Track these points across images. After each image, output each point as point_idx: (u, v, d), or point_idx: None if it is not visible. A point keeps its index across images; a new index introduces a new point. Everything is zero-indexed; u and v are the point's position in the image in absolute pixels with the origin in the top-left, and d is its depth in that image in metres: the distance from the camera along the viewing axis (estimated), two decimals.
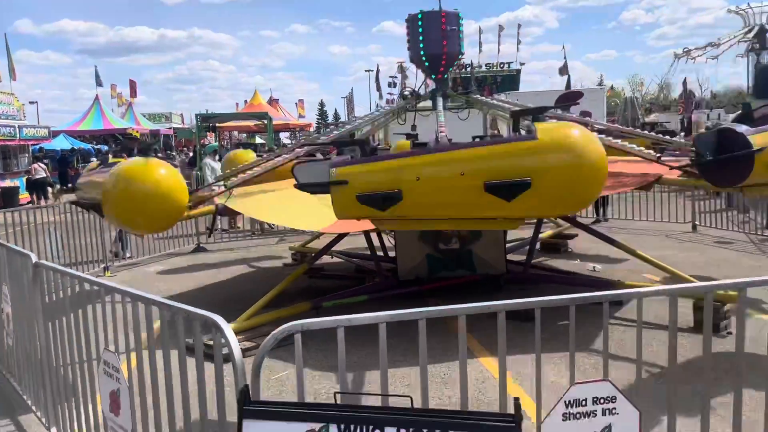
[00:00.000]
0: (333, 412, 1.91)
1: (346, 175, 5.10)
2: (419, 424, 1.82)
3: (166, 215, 6.46)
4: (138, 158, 6.58)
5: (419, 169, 4.98)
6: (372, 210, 5.07)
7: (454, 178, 4.88)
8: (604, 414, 2.68)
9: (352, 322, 2.49)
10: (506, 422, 1.78)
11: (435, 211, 5.25)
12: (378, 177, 5.05)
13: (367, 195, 5.01)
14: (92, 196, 6.98)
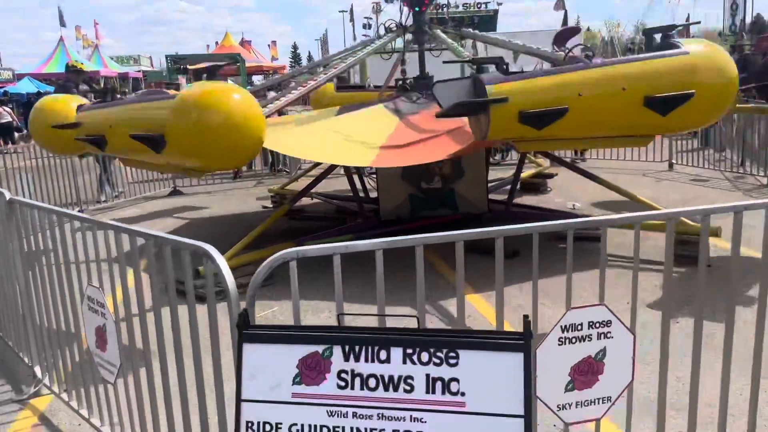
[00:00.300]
0: (336, 333, 1.86)
1: (506, 92, 4.92)
2: (427, 343, 1.78)
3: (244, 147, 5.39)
4: None
5: (581, 86, 5.04)
6: (529, 129, 5.04)
7: (616, 94, 5.03)
8: (599, 338, 2.69)
9: (349, 249, 2.42)
10: (516, 339, 1.75)
11: (591, 129, 5.34)
12: (544, 94, 5.01)
13: (530, 113, 4.89)
14: (98, 132, 6.60)
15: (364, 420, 1.81)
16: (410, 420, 1.78)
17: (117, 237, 3.07)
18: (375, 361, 1.82)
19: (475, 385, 1.75)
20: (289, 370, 1.86)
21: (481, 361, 1.75)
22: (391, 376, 1.81)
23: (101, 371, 3.32)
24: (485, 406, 1.74)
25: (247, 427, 1.88)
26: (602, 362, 2.70)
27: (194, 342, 2.67)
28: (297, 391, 1.86)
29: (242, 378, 1.89)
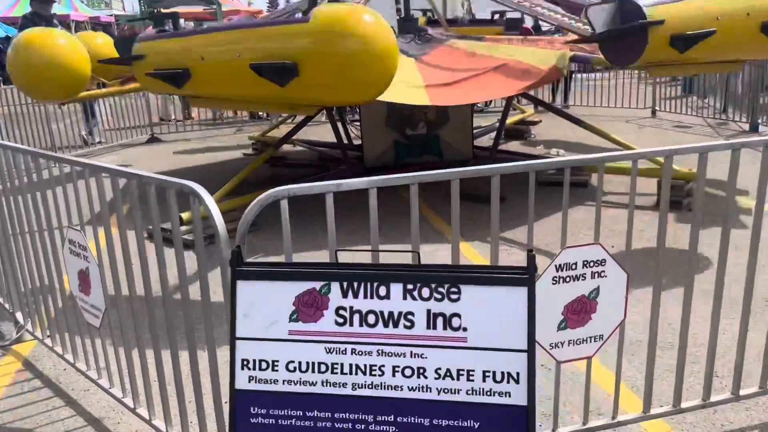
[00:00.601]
0: (334, 270, 1.80)
1: (663, 14, 5.05)
2: (428, 278, 1.74)
3: None
4: None
5: None
6: (674, 51, 5.09)
7: None
8: (593, 277, 2.67)
9: (341, 187, 2.35)
10: (520, 274, 1.71)
11: (726, 51, 5.49)
12: (695, 16, 5.16)
13: (680, 35, 5.01)
14: (180, 65, 5.52)
15: (363, 356, 1.77)
16: (410, 356, 1.75)
17: (97, 178, 2.95)
18: (374, 297, 1.77)
19: (477, 320, 1.72)
20: (286, 308, 1.81)
21: (483, 296, 1.71)
22: (390, 313, 1.76)
23: (86, 316, 3.26)
24: (487, 341, 1.71)
25: (243, 365, 1.83)
26: (595, 301, 2.69)
27: (182, 284, 2.60)
28: (294, 328, 1.81)
29: (236, 316, 1.83)
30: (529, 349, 1.68)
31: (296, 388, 1.80)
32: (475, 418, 1.71)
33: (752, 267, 2.91)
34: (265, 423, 1.80)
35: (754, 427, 3.03)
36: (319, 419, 1.78)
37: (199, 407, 2.72)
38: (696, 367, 3.56)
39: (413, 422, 1.74)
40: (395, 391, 1.75)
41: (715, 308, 2.90)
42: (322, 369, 1.79)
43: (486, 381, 1.71)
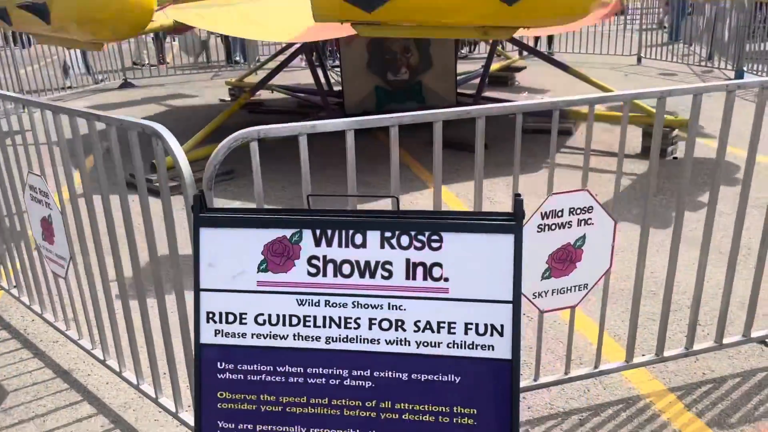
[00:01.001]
0: (306, 216, 1.66)
1: None
2: (407, 226, 1.61)
3: None
4: None
5: None
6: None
7: None
8: (580, 224, 2.58)
9: (316, 128, 2.19)
10: (506, 220, 1.59)
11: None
12: None
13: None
14: None
15: (337, 308, 1.66)
16: (388, 308, 1.64)
17: (56, 120, 2.76)
18: (349, 245, 1.64)
19: (460, 270, 1.60)
20: (254, 257, 1.68)
21: (466, 244, 1.59)
22: (367, 262, 1.64)
23: (51, 265, 3.11)
24: (470, 291, 1.60)
25: (208, 318, 1.71)
26: (581, 249, 2.60)
27: (148, 232, 2.46)
28: (263, 279, 1.69)
29: (200, 266, 1.70)
30: (514, 300, 1.57)
31: (266, 342, 1.69)
32: (456, 373, 1.61)
33: (741, 214, 2.83)
34: (232, 378, 1.69)
35: (736, 375, 3.00)
36: (291, 374, 1.67)
37: (170, 359, 2.62)
38: (678, 315, 3.53)
39: (390, 377, 1.64)
40: (372, 344, 1.65)
41: (702, 257, 2.83)
42: (293, 322, 1.68)
43: (468, 334, 1.61)
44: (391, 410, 1.64)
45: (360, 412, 1.65)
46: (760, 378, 2.98)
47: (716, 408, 2.80)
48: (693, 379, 3.01)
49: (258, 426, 1.69)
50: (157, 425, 2.85)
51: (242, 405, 1.70)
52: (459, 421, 1.62)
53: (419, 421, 1.63)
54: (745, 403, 2.81)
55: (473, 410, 1.61)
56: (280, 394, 1.68)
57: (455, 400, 1.61)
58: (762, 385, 2.92)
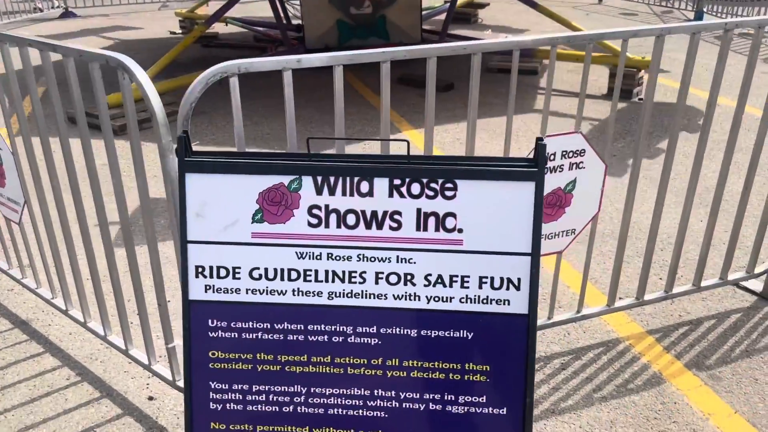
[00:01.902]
0: (306, 161, 1.51)
1: None
2: (419, 172, 1.48)
3: None
4: None
5: None
6: None
7: None
8: (571, 168, 2.49)
9: (303, 63, 2.00)
10: (527, 166, 1.47)
11: None
12: None
13: None
14: None
15: (341, 262, 1.53)
16: (396, 261, 1.52)
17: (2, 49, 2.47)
18: (354, 194, 1.50)
19: (475, 220, 1.49)
20: (248, 206, 1.53)
21: (483, 192, 1.47)
22: (374, 212, 1.51)
23: (3, 210, 2.87)
24: (486, 243, 1.50)
25: (197, 273, 1.57)
26: (571, 194, 2.53)
27: (113, 172, 2.25)
28: (258, 230, 1.54)
29: (187, 216, 1.54)
30: (533, 252, 1.48)
31: (262, 298, 1.56)
32: (469, 329, 1.53)
33: (728, 161, 2.80)
34: (225, 337, 1.57)
35: (712, 317, 3.04)
36: (290, 332, 1.56)
37: (141, 308, 2.46)
38: (656, 257, 3.54)
39: (398, 333, 1.55)
40: (378, 300, 1.54)
41: (687, 201, 2.80)
42: (292, 276, 1.55)
43: (482, 288, 1.51)
44: (398, 368, 1.55)
45: (365, 371, 1.56)
46: (735, 319, 3.03)
47: (694, 350, 2.84)
48: (670, 322, 3.03)
49: (254, 386, 1.58)
50: (128, 377, 2.72)
51: (237, 365, 1.58)
52: (471, 378, 1.54)
53: (428, 378, 1.55)
54: (721, 345, 2.86)
55: (486, 367, 1.53)
56: (278, 352, 1.57)
57: (467, 357, 1.54)
58: (737, 327, 2.97)
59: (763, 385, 2.62)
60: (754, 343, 2.87)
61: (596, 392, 2.61)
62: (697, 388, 2.62)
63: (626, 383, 2.65)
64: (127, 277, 2.45)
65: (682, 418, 2.47)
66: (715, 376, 2.68)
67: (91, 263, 2.59)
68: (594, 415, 2.50)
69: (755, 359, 2.77)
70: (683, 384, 2.64)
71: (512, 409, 1.54)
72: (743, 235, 3.64)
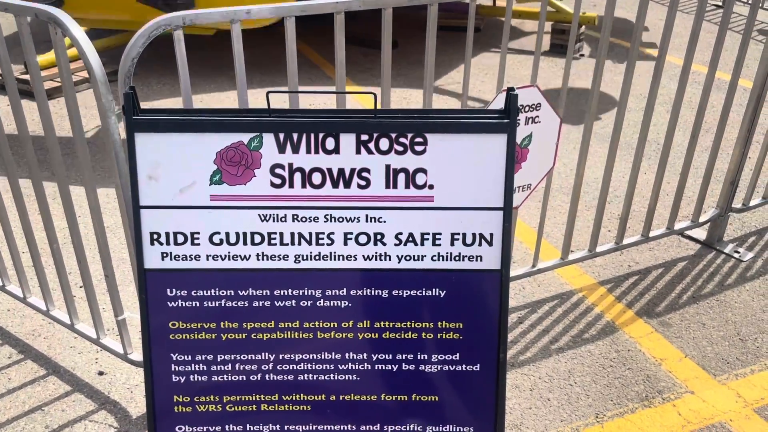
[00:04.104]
0: (266, 117, 1.41)
1: None
2: (386, 127, 1.41)
3: None
4: None
5: None
6: None
7: None
8: (527, 123, 2.47)
9: (252, 15, 1.88)
10: (498, 118, 1.42)
11: None
12: None
13: None
14: None
15: (307, 223, 1.46)
16: (366, 220, 1.46)
17: None
18: (319, 151, 1.42)
19: (446, 175, 1.44)
20: (205, 167, 1.43)
21: (453, 146, 1.42)
22: (341, 170, 1.43)
23: None
24: (457, 199, 1.45)
25: (152, 240, 1.46)
26: (527, 149, 2.52)
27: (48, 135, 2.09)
28: (217, 192, 1.45)
29: (138, 179, 1.43)
30: (505, 206, 1.44)
31: (224, 264, 1.48)
32: (441, 286, 1.49)
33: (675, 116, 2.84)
34: (186, 306, 1.48)
35: (659, 266, 3.13)
36: (256, 298, 1.49)
37: (86, 280, 2.33)
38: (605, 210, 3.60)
39: (369, 295, 1.50)
40: (348, 261, 1.48)
41: (637, 155, 2.84)
42: (256, 240, 1.47)
43: (454, 245, 1.47)
44: (370, 329, 1.51)
45: (335, 334, 1.51)
46: (681, 267, 3.13)
47: (644, 298, 2.92)
48: (620, 272, 3.11)
49: (219, 356, 1.51)
50: (75, 352, 2.59)
51: (199, 335, 1.50)
52: (444, 336, 1.52)
53: (401, 339, 1.52)
54: (669, 292, 2.95)
55: (459, 324, 1.51)
56: (243, 320, 1.50)
57: (440, 315, 1.51)
58: (683, 274, 3.07)
59: (710, 329, 2.72)
60: (699, 289, 2.97)
61: (553, 344, 2.66)
62: (649, 335, 2.70)
63: (581, 334, 2.71)
64: (68, 248, 2.30)
65: (636, 365, 2.54)
66: (665, 322, 2.77)
67: (28, 234, 2.42)
68: (552, 366, 2.54)
69: (702, 305, 2.87)
70: (635, 331, 2.72)
71: (486, 365, 1.53)
72: (688, 187, 3.74)
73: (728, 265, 3.14)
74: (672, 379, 2.47)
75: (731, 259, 3.18)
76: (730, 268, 3.12)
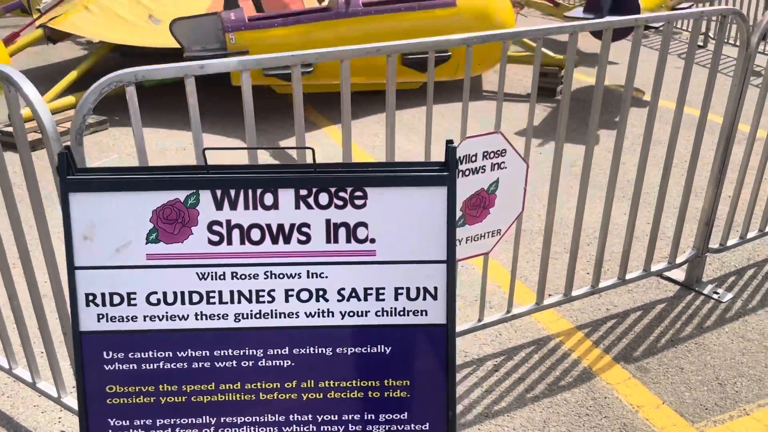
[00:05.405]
0: (203, 174, 1.40)
1: None
2: (326, 181, 1.39)
3: None
4: None
5: None
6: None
7: None
8: (493, 169, 2.47)
9: (206, 69, 1.89)
10: (438, 171, 1.41)
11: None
12: None
13: None
14: None
15: (246, 281, 1.43)
16: (307, 276, 1.43)
17: None
18: (258, 207, 1.40)
19: (388, 228, 1.42)
20: (141, 225, 1.40)
21: (393, 200, 1.40)
22: (280, 226, 1.41)
23: None
24: (400, 253, 1.42)
25: (88, 301, 1.43)
26: (494, 195, 2.51)
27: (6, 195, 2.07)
28: (153, 251, 1.42)
29: (73, 239, 1.40)
30: (448, 259, 1.42)
31: (162, 324, 1.44)
32: (387, 343, 1.45)
33: (645, 154, 2.84)
34: (123, 369, 1.44)
35: (638, 309, 3.09)
36: (195, 359, 1.44)
37: (46, 338, 2.29)
38: (582, 252, 3.57)
39: (313, 353, 1.45)
40: (289, 319, 1.44)
41: (608, 195, 2.83)
42: (194, 299, 1.43)
43: (398, 299, 1.44)
44: (314, 389, 1.46)
45: (279, 395, 1.46)
46: (659, 309, 3.08)
47: (621, 342, 2.87)
48: (598, 316, 3.06)
49: (158, 420, 1.46)
50: (38, 411, 2.52)
51: (138, 398, 1.45)
52: (391, 395, 1.47)
53: (347, 398, 1.47)
54: (647, 336, 2.90)
55: (406, 381, 1.46)
56: (182, 382, 1.45)
57: (386, 373, 1.46)
58: (661, 317, 3.02)
59: (688, 374, 2.66)
60: (678, 332, 2.92)
61: (528, 392, 2.59)
62: (626, 381, 2.64)
63: (557, 381, 2.65)
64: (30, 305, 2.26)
65: (613, 413, 2.48)
66: (642, 367, 2.71)
67: None
68: (527, 415, 2.47)
69: (680, 348, 2.82)
70: (612, 378, 2.66)
71: (435, 423, 1.47)
72: (665, 227, 3.72)
73: (707, 307, 3.09)
74: (649, 427, 2.40)
75: (710, 300, 3.14)
76: (709, 309, 3.08)
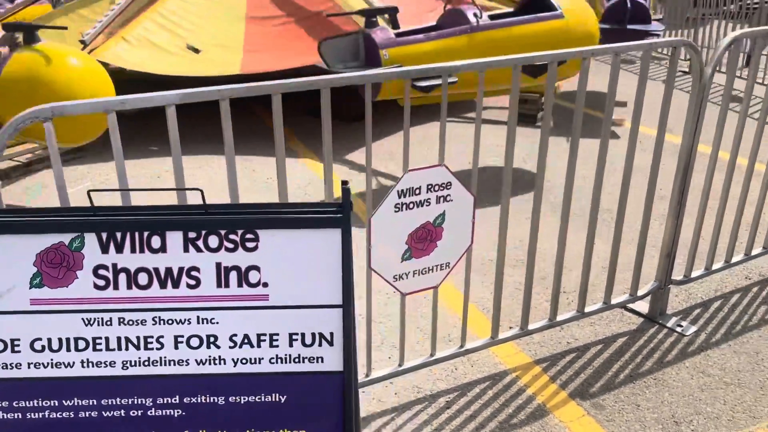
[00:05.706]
0: (87, 216, 1.35)
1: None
2: (215, 223, 1.34)
3: None
4: None
5: None
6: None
7: None
8: (438, 201, 2.43)
9: (126, 104, 1.86)
10: (332, 213, 1.36)
11: None
12: None
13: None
14: None
15: (134, 327, 1.37)
16: (197, 322, 1.38)
17: None
18: (145, 250, 1.36)
19: (281, 272, 1.37)
20: (24, 269, 1.35)
21: (286, 242, 1.35)
22: (168, 269, 1.36)
23: None
24: (294, 297, 1.37)
25: None
26: (441, 227, 2.46)
27: None
28: (37, 296, 1.37)
29: None
30: (344, 303, 1.36)
31: (47, 372, 1.38)
32: (281, 391, 1.39)
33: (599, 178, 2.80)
34: (8, 419, 1.38)
35: (599, 342, 3.02)
36: (81, 408, 1.38)
37: None
38: (545, 283, 3.52)
39: (204, 402, 1.39)
40: (179, 366, 1.39)
41: (563, 224, 2.78)
42: (80, 346, 1.38)
43: (293, 346, 1.38)
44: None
45: None
46: (621, 343, 3.01)
47: (579, 378, 2.79)
48: (558, 349, 2.99)
49: None
50: None
51: None
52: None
53: None
54: (606, 371, 2.82)
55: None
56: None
57: (282, 422, 1.40)
58: (622, 351, 2.95)
59: (644, 411, 2.59)
60: (637, 367, 2.84)
61: (479, 431, 2.51)
62: (580, 418, 2.56)
63: (510, 419, 2.57)
64: None
65: None
66: (598, 404, 2.63)
67: None
68: None
69: (638, 384, 2.74)
70: (566, 415, 2.58)
71: None
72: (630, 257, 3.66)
73: (669, 341, 3.02)
74: None
75: (673, 333, 3.07)
76: (671, 343, 3.00)
